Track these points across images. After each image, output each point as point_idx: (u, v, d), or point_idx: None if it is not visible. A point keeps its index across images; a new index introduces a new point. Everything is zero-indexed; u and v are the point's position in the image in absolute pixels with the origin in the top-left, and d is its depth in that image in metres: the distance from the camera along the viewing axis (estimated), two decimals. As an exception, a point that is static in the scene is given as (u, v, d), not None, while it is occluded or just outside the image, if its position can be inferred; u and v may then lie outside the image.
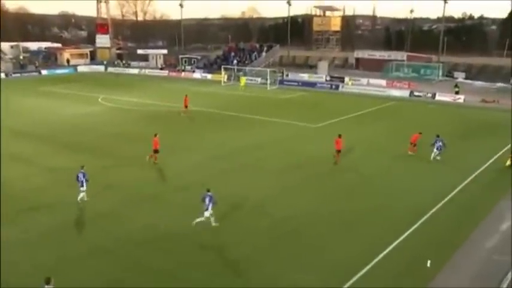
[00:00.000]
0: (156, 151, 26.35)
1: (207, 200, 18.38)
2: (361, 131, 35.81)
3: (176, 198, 21.53)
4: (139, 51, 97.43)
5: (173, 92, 57.58)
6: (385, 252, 16.61)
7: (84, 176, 20.50)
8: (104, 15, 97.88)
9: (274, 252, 16.73)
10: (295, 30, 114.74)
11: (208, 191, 18.55)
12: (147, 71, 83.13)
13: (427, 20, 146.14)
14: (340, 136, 27.02)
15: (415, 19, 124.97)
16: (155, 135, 26.68)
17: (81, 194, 20.60)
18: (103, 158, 27.36)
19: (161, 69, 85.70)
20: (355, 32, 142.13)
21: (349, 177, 24.90)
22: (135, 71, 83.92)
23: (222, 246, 17.05)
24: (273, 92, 58.31)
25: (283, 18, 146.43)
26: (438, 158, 27.63)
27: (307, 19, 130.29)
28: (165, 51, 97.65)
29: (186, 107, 42.06)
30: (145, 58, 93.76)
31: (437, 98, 53.80)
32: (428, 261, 15.64)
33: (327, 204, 21.11)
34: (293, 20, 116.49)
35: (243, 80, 62.36)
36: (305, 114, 42.40)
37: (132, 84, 64.10)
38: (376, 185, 23.77)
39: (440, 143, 27.64)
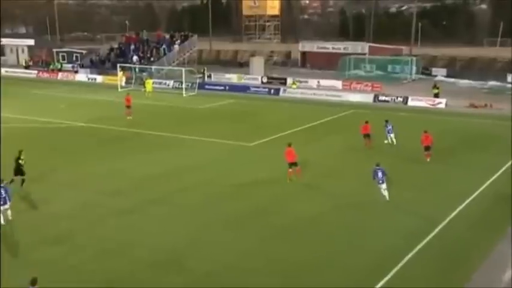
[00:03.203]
0: (292, 164, 29.01)
1: (380, 174, 25.53)
2: (310, 150, 36.29)
3: (49, 255, 20.70)
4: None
5: (46, 101, 56.08)
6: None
7: (6, 192, 23.11)
8: None
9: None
10: (219, 15, 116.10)
11: (378, 165, 25.73)
12: (3, 71, 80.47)
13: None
14: (367, 122, 36.33)
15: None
16: (289, 145, 29.13)
17: (2, 215, 22.97)
18: None
19: (26, 67, 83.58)
20: (299, 16, 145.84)
21: (293, 213, 25.12)
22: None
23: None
24: (190, 100, 58.31)
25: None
26: (394, 141, 36.54)
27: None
28: (31, 41, 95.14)
29: (128, 107, 46.31)
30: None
31: (411, 103, 56.00)
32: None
33: (264, 251, 21.12)
34: (215, 0, 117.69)
35: (150, 83, 61.93)
36: (235, 129, 42.70)
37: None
38: (329, 223, 24.09)
39: (390, 127, 36.64)
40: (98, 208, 25.53)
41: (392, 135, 36.42)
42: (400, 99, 57.11)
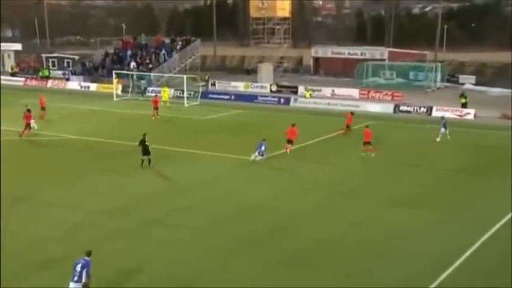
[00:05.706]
0: (368, 143, 38.03)
1: (262, 148, 36.02)
2: (323, 166, 36.37)
3: (35, 282, 20.54)
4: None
5: (34, 112, 55.96)
6: None
7: None
8: None
9: None
10: (224, 18, 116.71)
11: (264, 140, 36.53)
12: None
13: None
14: (352, 113, 46.27)
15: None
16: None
17: None
18: None
19: (12, 74, 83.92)
20: (312, 19, 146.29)
21: (307, 235, 25.03)
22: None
23: None
24: (193, 110, 58.58)
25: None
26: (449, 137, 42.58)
27: (242, 0, 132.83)
28: (18, 46, 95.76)
29: (156, 108, 52.10)
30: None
31: (435, 113, 55.87)
32: None
33: (276, 278, 21.00)
34: (220, 2, 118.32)
35: (167, 91, 61.34)
36: (242, 143, 42.60)
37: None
38: (345, 246, 23.99)
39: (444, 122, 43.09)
40: (92, 230, 25.45)
41: (444, 130, 42.81)
42: (423, 109, 57.25)
